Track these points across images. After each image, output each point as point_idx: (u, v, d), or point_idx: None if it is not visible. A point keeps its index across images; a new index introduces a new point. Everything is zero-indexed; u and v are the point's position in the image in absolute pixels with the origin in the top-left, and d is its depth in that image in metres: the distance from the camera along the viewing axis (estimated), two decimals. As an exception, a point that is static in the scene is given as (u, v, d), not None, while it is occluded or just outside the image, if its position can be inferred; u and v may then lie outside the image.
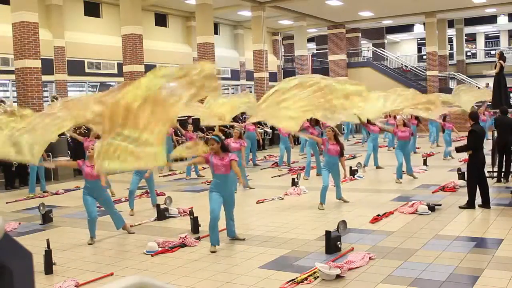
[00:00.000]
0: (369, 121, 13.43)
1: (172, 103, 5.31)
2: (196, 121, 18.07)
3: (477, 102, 18.05)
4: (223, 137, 9.62)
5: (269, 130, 21.18)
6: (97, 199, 7.37)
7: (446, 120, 15.69)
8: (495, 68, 12.24)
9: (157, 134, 5.35)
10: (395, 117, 18.37)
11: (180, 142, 14.50)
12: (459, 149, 8.95)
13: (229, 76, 28.64)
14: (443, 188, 10.16)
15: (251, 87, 29.18)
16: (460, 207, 8.44)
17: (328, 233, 6.21)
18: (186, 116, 18.28)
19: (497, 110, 11.54)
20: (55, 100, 17.59)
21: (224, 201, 6.72)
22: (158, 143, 5.34)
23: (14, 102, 16.88)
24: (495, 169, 10.99)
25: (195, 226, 7.45)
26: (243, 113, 19.79)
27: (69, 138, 14.64)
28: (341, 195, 9.33)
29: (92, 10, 21.82)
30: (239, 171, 6.84)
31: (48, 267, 5.82)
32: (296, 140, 19.75)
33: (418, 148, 17.30)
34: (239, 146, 10.64)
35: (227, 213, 6.85)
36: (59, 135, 14.32)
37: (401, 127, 11.51)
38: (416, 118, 17.67)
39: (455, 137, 16.95)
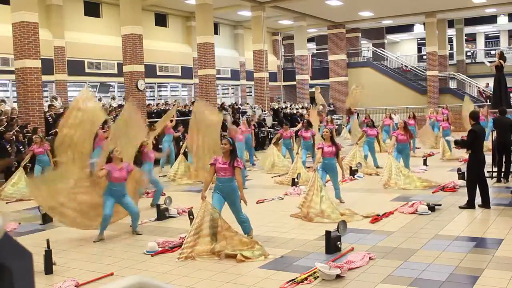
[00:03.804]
0: (368, 125, 13.47)
1: None
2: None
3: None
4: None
5: (270, 129, 21.20)
6: (119, 201, 7.44)
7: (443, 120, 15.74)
8: (495, 63, 12.28)
9: None
10: (390, 117, 18.45)
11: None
12: (457, 142, 8.96)
13: (229, 76, 28.66)
14: (443, 188, 10.16)
15: (251, 87, 29.21)
16: (460, 207, 8.44)
17: (328, 233, 6.21)
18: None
19: (496, 110, 11.57)
20: (54, 100, 17.62)
21: (229, 204, 6.70)
22: None
23: (14, 102, 16.91)
24: (495, 169, 11.00)
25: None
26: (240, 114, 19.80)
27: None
28: (340, 195, 9.31)
29: (92, 10, 21.83)
30: (241, 182, 6.70)
31: (48, 267, 5.82)
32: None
33: (418, 148, 17.31)
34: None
35: (235, 215, 6.79)
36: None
37: (401, 130, 11.45)
38: (414, 118, 17.74)
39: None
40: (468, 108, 15.37)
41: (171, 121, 14.55)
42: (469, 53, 37.44)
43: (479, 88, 30.33)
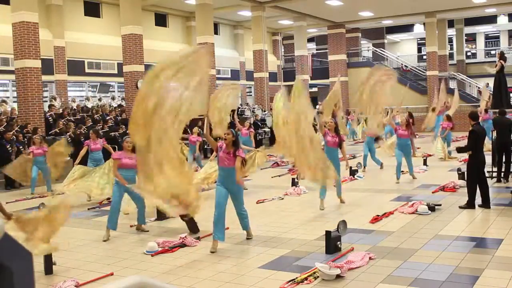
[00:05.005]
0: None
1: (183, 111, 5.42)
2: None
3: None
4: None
5: (267, 130, 21.22)
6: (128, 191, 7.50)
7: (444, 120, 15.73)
8: (495, 67, 12.27)
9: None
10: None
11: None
12: (459, 150, 8.95)
13: (229, 76, 28.66)
14: (443, 188, 10.16)
15: (251, 87, 29.20)
16: (460, 207, 8.43)
17: (328, 233, 6.20)
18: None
19: (497, 110, 11.58)
20: (53, 100, 17.63)
21: (231, 196, 6.72)
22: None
23: (14, 102, 16.91)
24: (495, 169, 11.00)
25: (193, 226, 7.40)
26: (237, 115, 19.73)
27: (69, 139, 14.64)
28: (341, 193, 9.30)
29: (92, 10, 21.85)
30: (239, 167, 6.66)
31: (48, 267, 5.82)
32: None
33: (418, 148, 17.28)
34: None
35: (236, 208, 6.83)
36: (59, 134, 14.37)
37: (403, 126, 11.53)
38: (411, 116, 17.68)
39: (455, 137, 16.95)
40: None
41: None
42: (469, 53, 37.45)
43: (479, 88, 30.32)
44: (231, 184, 6.62)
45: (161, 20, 25.14)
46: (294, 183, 10.96)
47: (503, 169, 10.79)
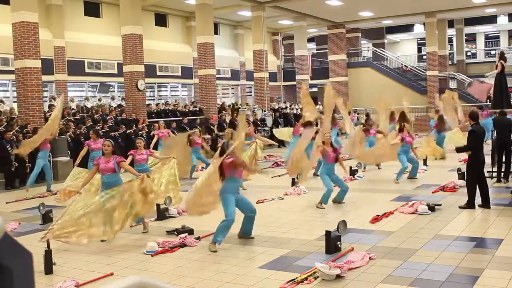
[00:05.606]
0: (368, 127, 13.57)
1: None
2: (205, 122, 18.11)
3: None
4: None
5: (267, 128, 21.25)
6: None
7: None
8: (496, 68, 12.25)
9: None
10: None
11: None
12: (459, 149, 8.95)
13: (229, 76, 28.66)
14: (443, 188, 10.16)
15: (251, 87, 29.20)
16: (460, 207, 8.44)
17: (328, 233, 6.21)
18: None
19: (497, 111, 11.58)
20: (53, 100, 17.60)
21: (239, 202, 6.80)
22: None
23: (14, 102, 16.91)
24: (495, 169, 11.00)
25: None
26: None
27: (69, 138, 14.64)
28: (340, 199, 9.27)
29: (92, 10, 21.84)
30: (246, 166, 7.20)
31: (48, 267, 5.82)
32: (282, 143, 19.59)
33: (416, 148, 17.22)
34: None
35: (247, 212, 6.90)
36: (59, 134, 14.37)
37: (407, 132, 11.69)
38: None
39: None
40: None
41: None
42: (469, 53, 37.44)
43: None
44: (238, 191, 6.85)
45: (161, 20, 25.13)
46: (294, 183, 10.96)
47: (503, 169, 10.79)
